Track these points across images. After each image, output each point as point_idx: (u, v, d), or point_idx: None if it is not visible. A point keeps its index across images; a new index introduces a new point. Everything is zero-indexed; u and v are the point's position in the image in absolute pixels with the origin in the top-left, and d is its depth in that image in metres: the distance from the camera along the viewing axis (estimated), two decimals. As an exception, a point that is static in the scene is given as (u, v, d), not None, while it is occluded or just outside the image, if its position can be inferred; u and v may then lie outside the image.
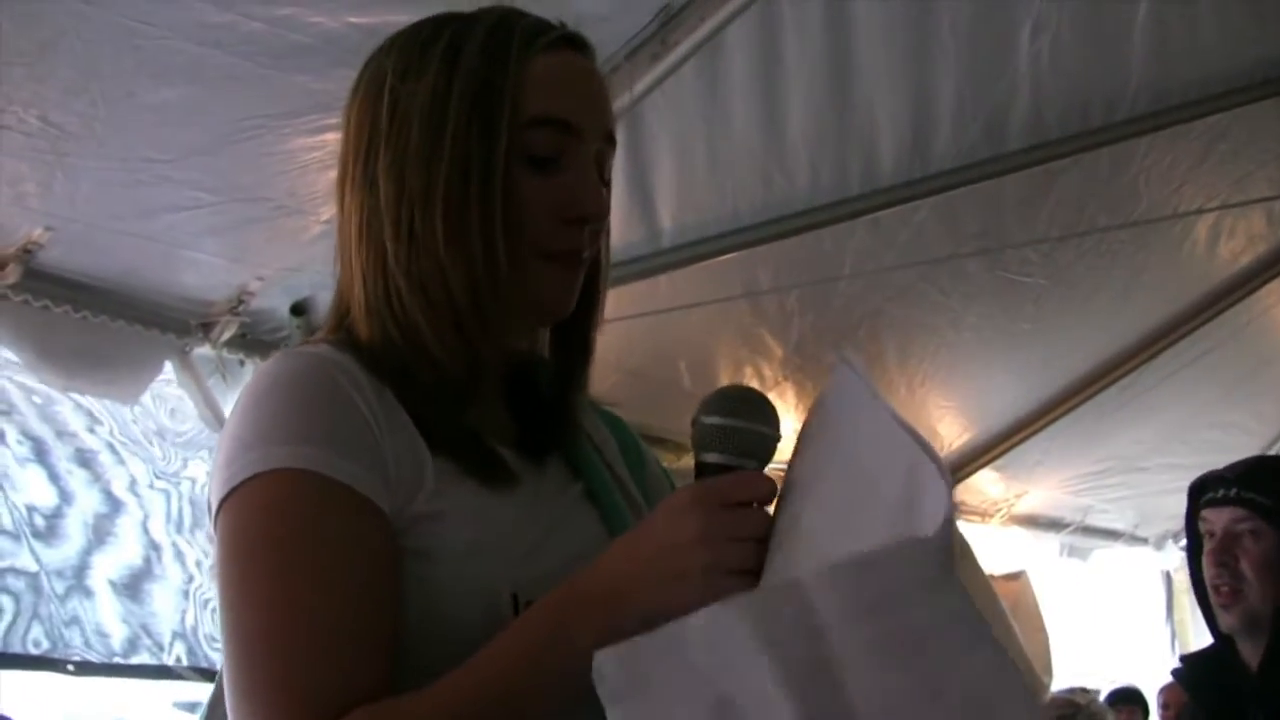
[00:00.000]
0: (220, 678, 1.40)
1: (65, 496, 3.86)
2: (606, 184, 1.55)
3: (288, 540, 1.34)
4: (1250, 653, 3.03)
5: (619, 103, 3.72)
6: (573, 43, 1.54)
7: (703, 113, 4.11)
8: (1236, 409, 7.42)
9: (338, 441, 1.37)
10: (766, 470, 1.34)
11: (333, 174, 3.55)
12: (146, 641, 3.93)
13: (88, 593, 3.87)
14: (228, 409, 3.90)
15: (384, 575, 1.35)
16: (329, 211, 3.67)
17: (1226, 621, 3.07)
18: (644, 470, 1.71)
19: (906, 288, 5.25)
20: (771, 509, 1.30)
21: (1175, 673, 3.42)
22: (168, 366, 3.88)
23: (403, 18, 3.15)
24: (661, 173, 4.19)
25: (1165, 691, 6.98)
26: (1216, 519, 3.09)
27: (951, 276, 5.35)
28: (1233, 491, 3.07)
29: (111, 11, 2.91)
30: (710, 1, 3.65)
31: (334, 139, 3.47)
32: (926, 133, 4.55)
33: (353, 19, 3.15)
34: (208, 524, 1.42)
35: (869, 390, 1.27)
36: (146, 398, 3.97)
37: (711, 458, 1.34)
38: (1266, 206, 5.96)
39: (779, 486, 1.32)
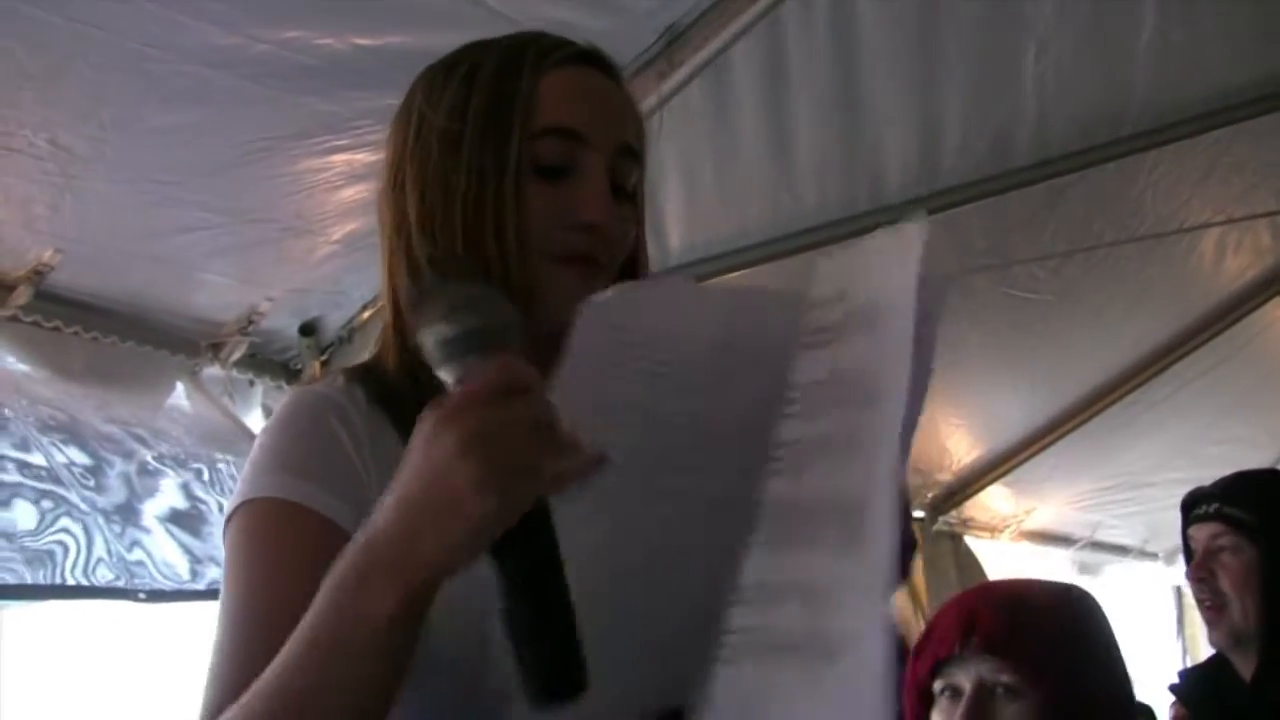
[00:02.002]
0: None
1: (103, 459, 3.84)
2: (630, 196, 1.57)
3: (251, 562, 1.45)
4: (1243, 666, 3.04)
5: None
6: (589, 59, 1.58)
7: (710, 131, 4.13)
8: (1244, 423, 7.42)
9: (311, 471, 1.45)
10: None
11: (341, 194, 3.62)
12: (214, 570, 3.91)
13: (144, 529, 3.88)
14: (247, 419, 3.95)
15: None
16: (338, 232, 3.70)
17: (1213, 638, 3.08)
18: None
19: (915, 307, 5.25)
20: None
21: (1173, 688, 3.42)
22: (179, 388, 3.90)
23: (408, 39, 3.22)
24: (669, 191, 4.20)
25: (1175, 706, 6.99)
26: (1199, 535, 3.10)
27: (958, 293, 5.35)
28: (1214, 507, 3.08)
29: (120, 35, 2.93)
30: (715, 22, 3.67)
31: (341, 160, 3.53)
32: (933, 150, 4.56)
33: (359, 40, 3.18)
34: None
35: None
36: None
37: (445, 373, 1.17)
38: (1272, 221, 5.96)
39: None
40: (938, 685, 2.39)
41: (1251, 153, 5.39)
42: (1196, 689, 3.23)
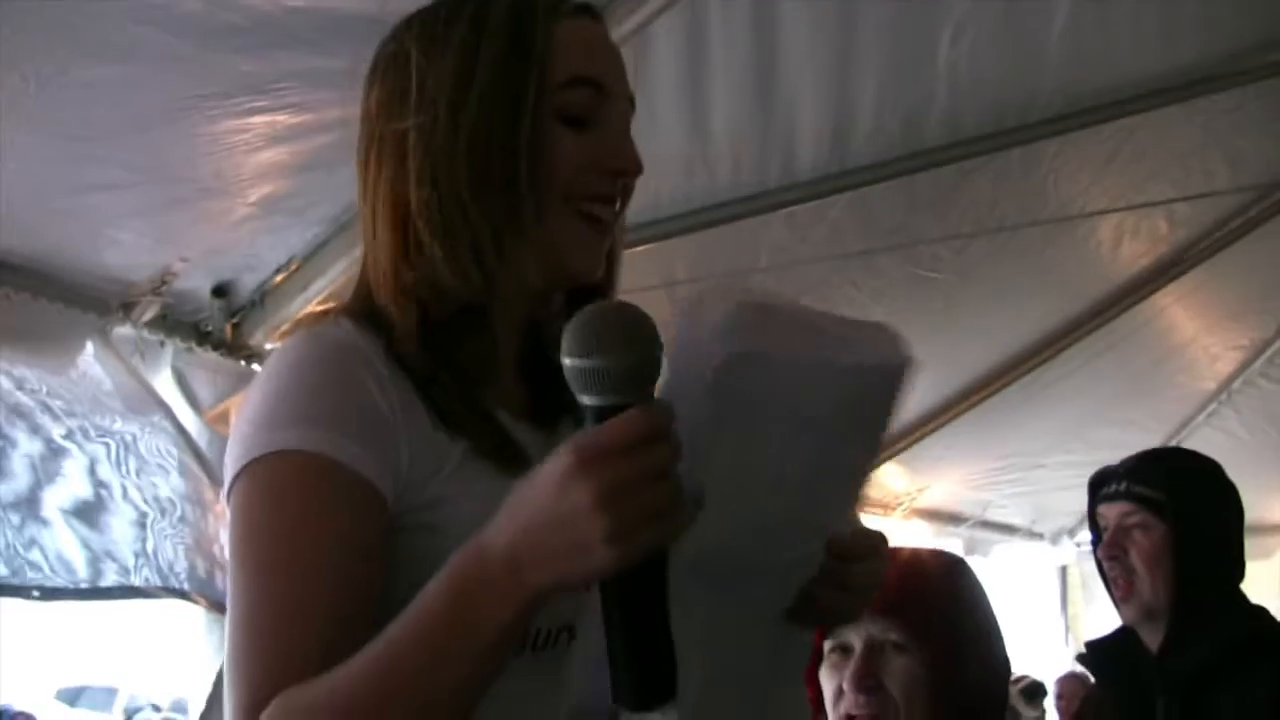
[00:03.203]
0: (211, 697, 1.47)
1: (7, 440, 3.79)
2: None
3: (280, 525, 1.39)
4: (1150, 638, 3.12)
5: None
6: (588, 11, 1.62)
7: (628, 104, 4.12)
8: (1134, 407, 7.57)
9: (344, 424, 1.41)
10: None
11: (260, 156, 3.57)
12: (112, 566, 3.86)
13: (44, 522, 3.81)
14: (154, 383, 3.90)
15: (363, 560, 1.39)
16: (255, 194, 3.67)
17: (1125, 614, 3.16)
18: None
19: (820, 281, 5.30)
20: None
21: (1080, 658, 3.52)
22: (89, 347, 3.85)
23: (340, 3, 3.18)
24: (583, 161, 4.19)
25: (1061, 682, 7.14)
26: (1109, 514, 3.17)
27: (865, 271, 5.41)
28: (1123, 486, 3.15)
29: (49, -12, 2.89)
30: (637, -2, 3.68)
31: (261, 121, 3.50)
32: (846, 130, 4.60)
33: (288, 2, 3.14)
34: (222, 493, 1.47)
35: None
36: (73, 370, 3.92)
37: (589, 400, 1.21)
38: (1168, 209, 6.07)
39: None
40: (828, 644, 2.49)
41: (1152, 142, 5.49)
42: (1106, 660, 3.31)
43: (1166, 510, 3.06)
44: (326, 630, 1.33)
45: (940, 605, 2.46)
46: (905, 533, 7.55)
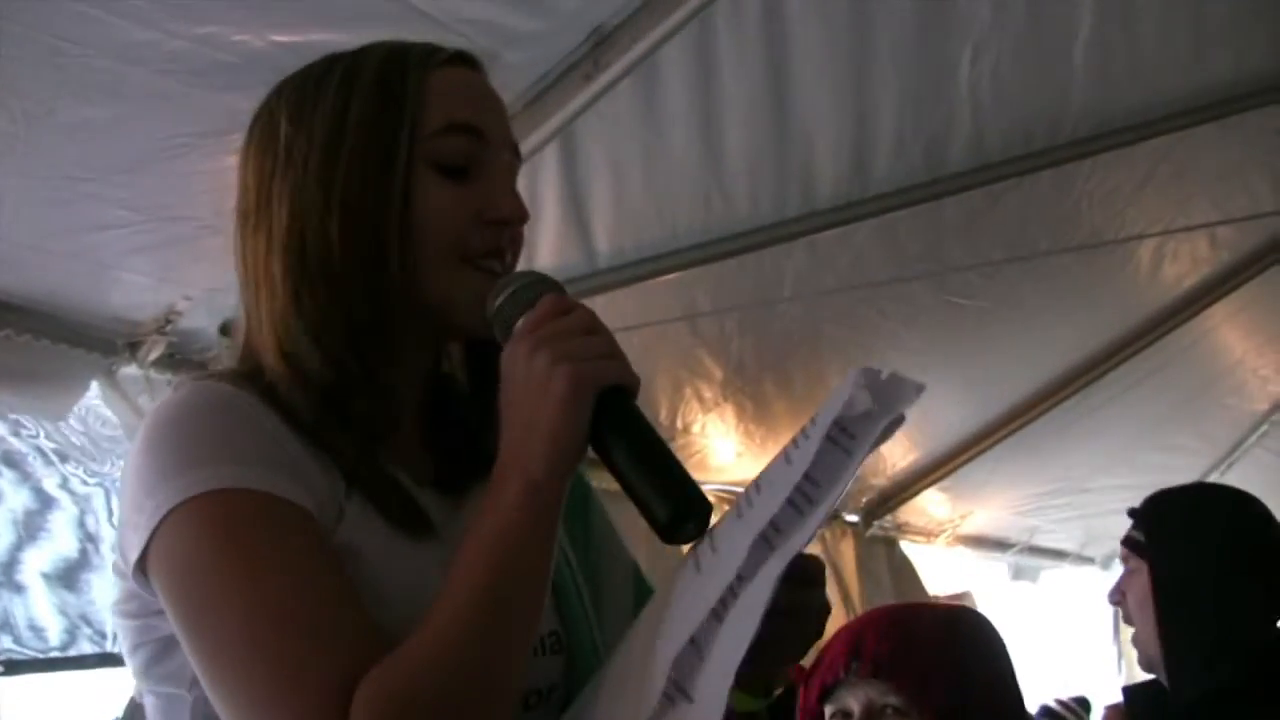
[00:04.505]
0: (132, 705, 1.40)
1: None
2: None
3: (245, 551, 1.31)
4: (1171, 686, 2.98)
5: (550, 123, 3.70)
6: (466, 61, 1.56)
7: (639, 134, 4.08)
8: (1181, 431, 7.46)
9: (258, 460, 1.35)
10: None
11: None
12: (87, 631, 3.83)
13: (18, 588, 3.78)
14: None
15: (336, 571, 1.33)
16: (258, 231, 3.63)
17: (1139, 660, 3.01)
18: (586, 512, 1.72)
19: (847, 310, 5.24)
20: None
21: (1116, 707, 3.37)
22: (94, 386, 3.83)
23: (327, 36, 3.16)
24: (597, 194, 4.16)
25: (1109, 710, 7.00)
26: (1120, 556, 3.05)
27: (893, 299, 5.33)
28: (1128, 528, 3.02)
29: (30, 28, 2.85)
30: (644, 22, 3.60)
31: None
32: (866, 155, 4.53)
33: (276, 37, 3.11)
34: (123, 572, 1.38)
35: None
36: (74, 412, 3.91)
37: (520, 320, 1.41)
38: (1209, 230, 5.97)
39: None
40: (828, 710, 2.46)
41: (1189, 162, 5.40)
42: (1140, 708, 3.15)
43: (1147, 552, 2.93)
44: (348, 629, 1.28)
45: (937, 663, 2.42)
46: (949, 560, 7.46)
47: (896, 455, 6.58)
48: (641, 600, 1.66)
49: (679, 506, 1.31)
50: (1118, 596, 2.98)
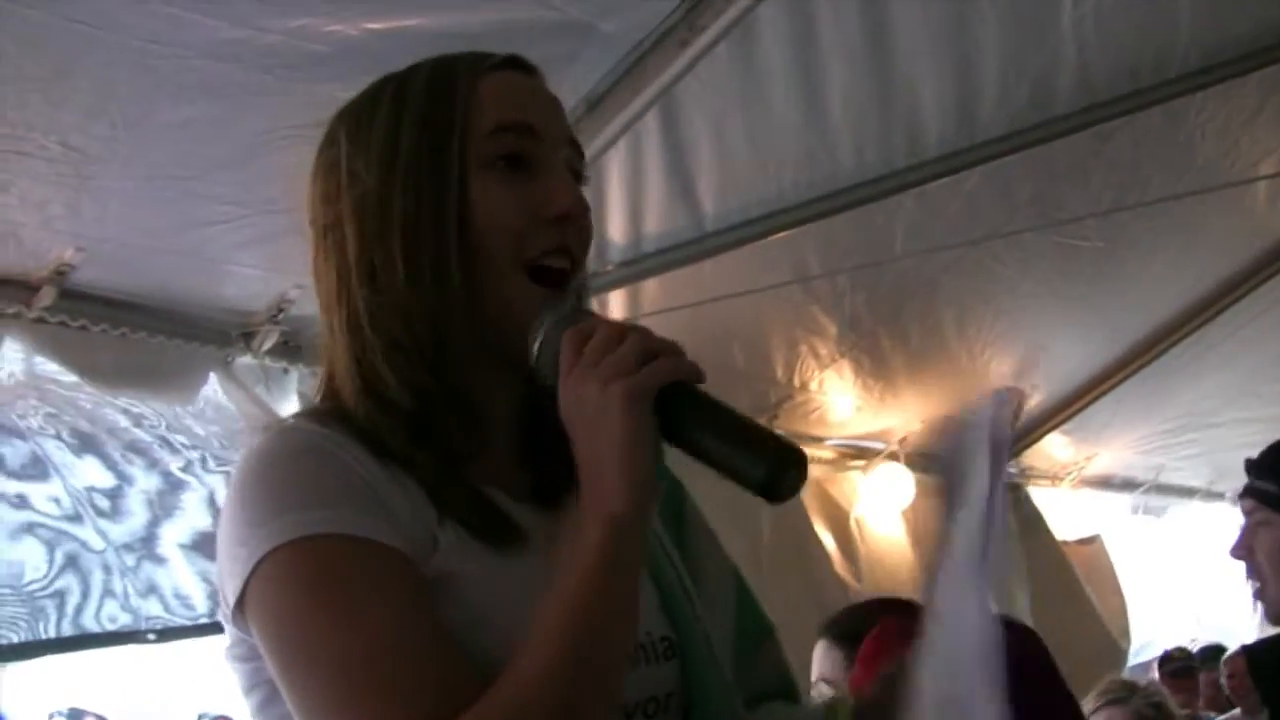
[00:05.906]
0: None
1: (124, 478, 3.83)
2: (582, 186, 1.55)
3: (331, 600, 1.32)
4: None
5: (649, 90, 3.68)
6: (517, 65, 1.54)
7: (740, 94, 4.04)
8: (1311, 359, 7.29)
9: (347, 502, 1.35)
10: None
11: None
12: None
13: (159, 560, 3.84)
14: (281, 409, 3.91)
15: (430, 613, 1.34)
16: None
17: (1266, 614, 2.92)
18: (683, 513, 1.70)
19: (960, 257, 5.17)
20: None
21: (1248, 651, 3.28)
22: (212, 378, 3.87)
23: (419, 21, 3.15)
24: (700, 157, 4.13)
25: (1229, 661, 6.89)
26: (1242, 510, 2.95)
27: (1006, 244, 5.25)
28: (1249, 479, 2.92)
29: (122, 34, 2.89)
30: (737, -18, 3.58)
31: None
32: (971, 101, 4.45)
33: (370, 25, 3.12)
34: (228, 617, 1.40)
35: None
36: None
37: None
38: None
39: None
40: None
41: (1305, 88, 5.25)
42: (1262, 667, 3.08)
43: None
44: (432, 664, 1.29)
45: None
46: (1075, 502, 7.38)
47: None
48: (744, 602, 1.68)
49: (772, 462, 1.32)
50: (1242, 551, 2.89)
